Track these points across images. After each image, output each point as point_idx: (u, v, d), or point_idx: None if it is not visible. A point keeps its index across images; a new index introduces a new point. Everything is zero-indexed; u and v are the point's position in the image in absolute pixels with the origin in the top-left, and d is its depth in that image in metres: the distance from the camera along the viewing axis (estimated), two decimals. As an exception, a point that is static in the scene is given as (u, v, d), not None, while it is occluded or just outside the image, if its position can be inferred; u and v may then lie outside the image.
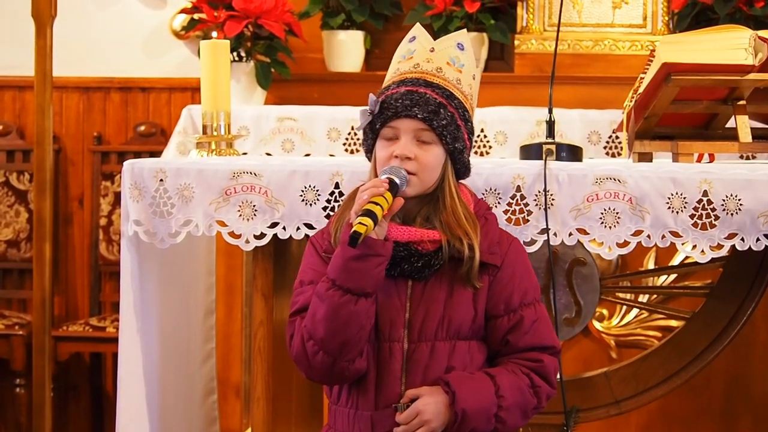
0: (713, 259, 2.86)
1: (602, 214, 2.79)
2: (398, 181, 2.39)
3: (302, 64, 4.96)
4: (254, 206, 2.85)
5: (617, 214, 2.78)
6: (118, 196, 5.05)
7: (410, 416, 2.39)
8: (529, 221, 2.81)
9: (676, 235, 2.80)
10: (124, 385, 2.95)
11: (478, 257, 2.42)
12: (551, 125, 3.09)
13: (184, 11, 4.96)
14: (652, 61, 2.96)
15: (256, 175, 2.85)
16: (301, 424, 3.26)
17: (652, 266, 4.13)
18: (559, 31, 3.28)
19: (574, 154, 3.02)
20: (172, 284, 3.20)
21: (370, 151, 2.50)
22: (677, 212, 2.78)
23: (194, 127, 4.38)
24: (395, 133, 2.44)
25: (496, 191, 2.81)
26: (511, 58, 4.96)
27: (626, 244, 2.81)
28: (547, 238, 2.80)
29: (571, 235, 2.81)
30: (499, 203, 2.80)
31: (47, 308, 4.27)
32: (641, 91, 2.98)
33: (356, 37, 5.02)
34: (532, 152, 3.01)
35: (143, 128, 5.26)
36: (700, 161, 3.15)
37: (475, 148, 4.43)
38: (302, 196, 2.85)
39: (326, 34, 5.02)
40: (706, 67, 2.89)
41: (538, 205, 2.80)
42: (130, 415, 2.96)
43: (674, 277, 4.12)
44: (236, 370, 4.48)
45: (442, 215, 2.44)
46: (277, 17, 4.74)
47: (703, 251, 2.79)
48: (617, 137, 4.42)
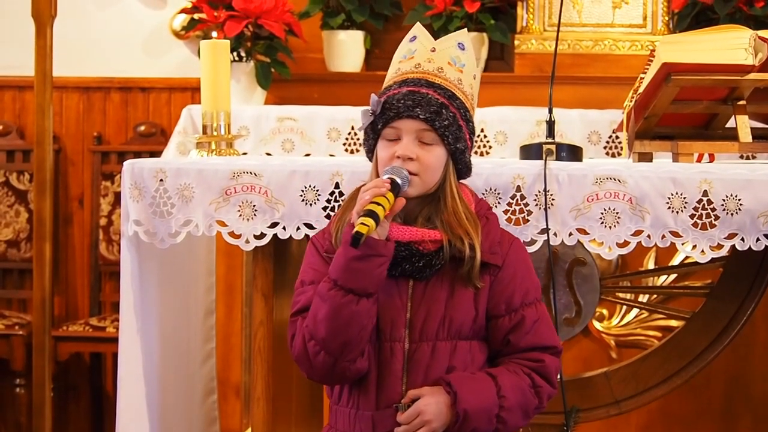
0: (713, 259, 2.86)
1: (602, 214, 2.79)
2: (400, 181, 2.39)
3: (302, 64, 4.96)
4: (254, 206, 2.85)
5: (617, 214, 2.78)
6: (118, 196, 5.04)
7: (411, 416, 2.39)
8: (529, 221, 2.81)
9: (676, 235, 2.79)
10: (124, 385, 2.95)
11: (479, 257, 2.42)
12: (551, 125, 3.09)
13: (184, 11, 4.96)
14: (652, 61, 2.96)
15: (256, 175, 2.85)
16: (301, 424, 3.26)
17: (652, 266, 4.12)
18: (559, 31, 3.28)
19: (574, 154, 3.02)
20: (172, 284, 3.20)
21: (371, 151, 2.50)
22: (677, 212, 2.78)
23: (194, 127, 4.37)
24: (397, 133, 2.44)
25: (496, 191, 2.81)
26: (511, 58, 4.96)
27: (626, 244, 2.81)
28: (547, 238, 2.80)
29: (571, 235, 2.81)
30: (499, 203, 2.80)
31: (47, 308, 4.27)
32: (641, 91, 2.97)
33: (356, 37, 5.02)
34: (532, 152, 3.01)
35: (143, 128, 5.26)
36: (700, 161, 3.15)
37: (475, 148, 4.42)
38: (302, 196, 2.84)
39: (326, 34, 5.02)
40: (706, 67, 2.89)
41: (538, 205, 2.80)
42: (130, 415, 2.96)
43: (674, 277, 4.12)
44: (236, 370, 4.48)
45: (443, 215, 2.44)
46: (277, 17, 4.74)
47: (703, 251, 2.79)
48: (617, 137, 4.42)
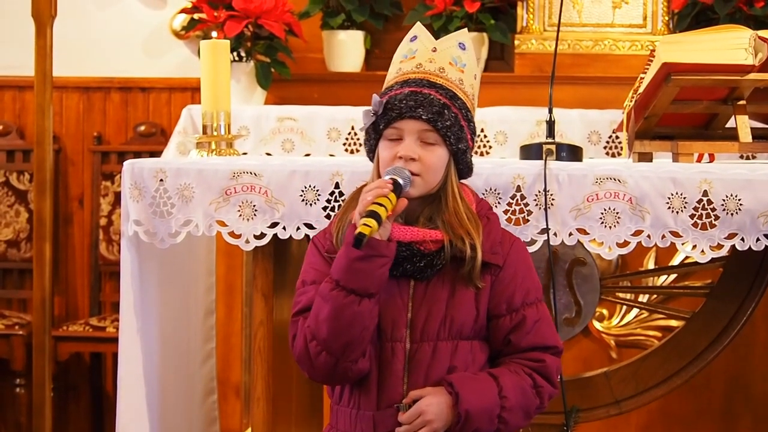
0: (713, 259, 2.86)
1: (602, 214, 2.79)
2: (402, 182, 2.39)
3: (302, 64, 4.95)
4: (254, 206, 2.85)
5: (617, 214, 2.78)
6: (118, 196, 5.04)
7: (413, 416, 2.39)
8: (529, 221, 2.81)
9: (676, 235, 2.79)
10: (124, 385, 2.95)
11: (480, 257, 2.42)
12: (551, 125, 3.09)
13: (184, 11, 4.96)
14: (652, 61, 2.96)
15: (256, 175, 2.85)
16: (301, 424, 3.26)
17: (652, 266, 4.12)
18: (559, 31, 3.28)
19: (574, 154, 3.02)
20: (172, 284, 3.20)
21: (372, 151, 2.50)
22: (677, 212, 2.78)
23: (194, 127, 4.37)
24: (399, 133, 2.44)
25: (496, 191, 2.80)
26: (511, 58, 4.96)
27: (626, 244, 2.81)
28: (547, 238, 2.80)
29: (571, 235, 2.81)
30: (499, 203, 2.80)
31: (47, 308, 4.27)
32: (641, 91, 2.97)
33: (356, 37, 5.02)
34: (532, 152, 3.01)
35: (143, 128, 5.26)
36: (700, 161, 3.15)
37: (475, 148, 4.43)
38: (302, 196, 2.84)
39: (326, 34, 5.02)
40: (706, 67, 2.88)
41: (538, 205, 2.80)
42: (130, 415, 2.96)
43: (674, 277, 4.12)
44: (236, 370, 4.48)
45: (444, 215, 2.44)
46: (277, 17, 4.74)
47: (703, 251, 2.79)
48: (617, 137, 4.42)
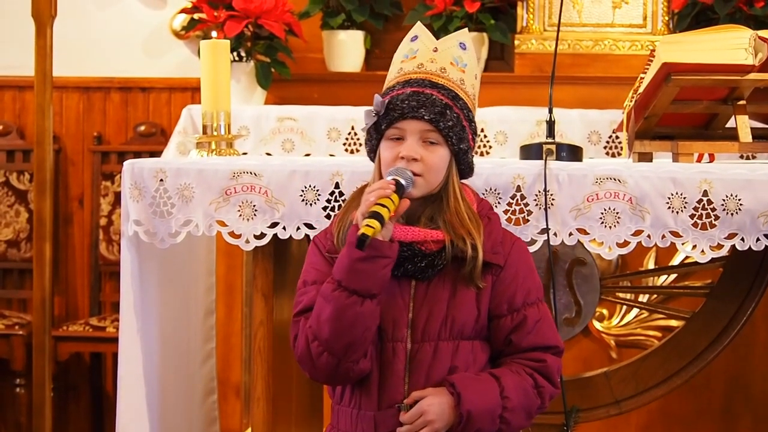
0: (713, 259, 2.86)
1: (602, 214, 2.79)
2: (404, 182, 2.38)
3: (302, 64, 4.95)
4: (254, 206, 2.85)
5: (617, 214, 2.78)
6: (118, 196, 5.04)
7: (414, 416, 2.39)
8: (529, 221, 2.81)
9: (676, 235, 2.79)
10: (124, 385, 2.95)
11: (481, 257, 2.41)
12: (551, 125, 3.09)
13: (184, 11, 4.96)
14: (652, 61, 2.96)
15: (256, 175, 2.85)
16: (301, 424, 3.26)
17: (652, 266, 4.12)
18: (559, 31, 3.28)
19: (574, 154, 3.02)
20: (172, 284, 3.20)
21: (373, 151, 2.49)
22: (677, 212, 2.78)
23: (194, 127, 4.37)
24: (401, 133, 2.43)
25: (496, 191, 2.80)
26: (511, 58, 4.96)
27: (626, 244, 2.81)
28: (547, 238, 2.80)
29: (571, 235, 2.81)
30: (499, 203, 2.80)
31: (47, 308, 4.27)
32: (641, 91, 2.97)
33: (356, 37, 5.02)
34: (532, 152, 3.01)
35: (143, 128, 5.26)
36: (700, 161, 3.15)
37: (475, 148, 4.43)
38: (302, 196, 2.84)
39: (326, 34, 5.02)
40: (706, 67, 2.89)
41: (538, 205, 2.80)
42: (130, 415, 2.96)
43: (674, 277, 4.12)
44: (236, 370, 4.48)
45: (445, 215, 2.43)
46: (277, 17, 4.74)
47: (703, 251, 2.79)
48: (617, 137, 4.42)
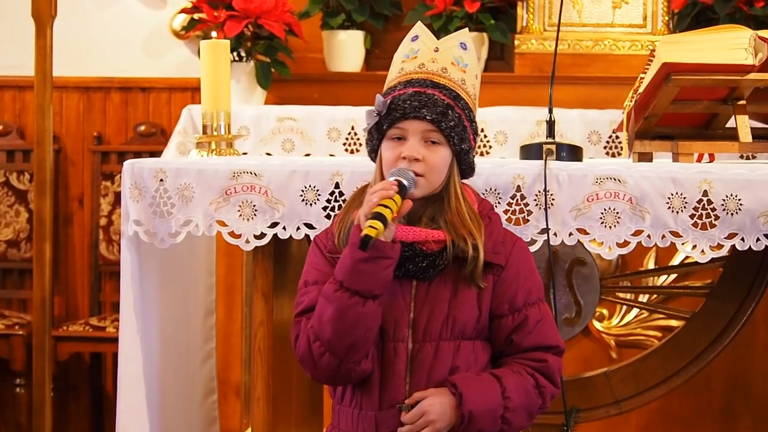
0: (713, 259, 2.86)
1: (602, 214, 2.79)
2: (406, 183, 2.38)
3: (302, 64, 4.95)
4: (254, 206, 2.85)
5: (617, 214, 2.78)
6: (118, 196, 5.04)
7: (416, 416, 2.39)
8: (529, 221, 2.81)
9: (676, 235, 2.79)
10: (124, 385, 2.95)
11: (482, 257, 2.41)
12: (551, 125, 3.09)
13: (184, 11, 4.96)
14: (652, 61, 2.96)
15: (256, 175, 2.85)
16: (301, 424, 3.26)
17: (652, 266, 4.12)
18: (559, 31, 3.28)
19: (574, 154, 3.02)
20: (172, 284, 3.20)
21: (374, 151, 2.49)
22: (677, 212, 2.78)
23: (194, 127, 4.37)
24: (402, 134, 2.43)
25: (496, 191, 2.81)
26: (511, 58, 4.96)
27: (626, 244, 2.81)
28: (547, 238, 2.80)
29: (571, 235, 2.81)
30: (499, 203, 2.80)
31: (47, 308, 4.27)
32: (641, 91, 2.97)
33: (356, 37, 5.02)
34: (532, 152, 3.01)
35: (143, 128, 5.26)
36: (700, 161, 3.15)
37: (476, 148, 4.43)
38: (302, 196, 2.85)
39: (326, 34, 5.02)
40: (706, 67, 2.89)
41: (538, 205, 2.80)
42: (130, 415, 2.96)
43: (674, 277, 4.12)
44: (236, 370, 4.48)
45: (446, 215, 2.43)
46: (277, 17, 4.74)
47: (703, 251, 2.79)
48: (617, 137, 4.42)
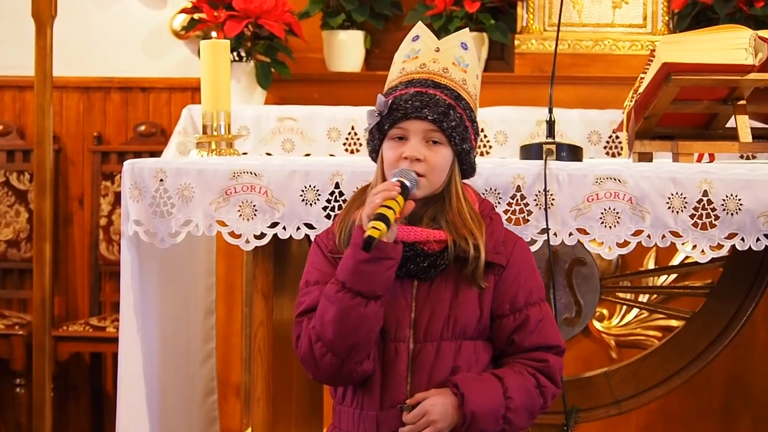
0: (713, 259, 2.86)
1: (602, 214, 2.79)
2: (409, 184, 2.38)
3: (302, 64, 4.96)
4: (254, 206, 2.85)
5: (617, 214, 2.78)
6: (118, 196, 5.04)
7: (417, 416, 2.39)
8: (529, 221, 2.81)
9: (676, 235, 2.79)
10: (124, 385, 2.95)
11: (483, 257, 2.41)
12: (551, 125, 3.09)
13: (184, 11, 4.96)
14: (652, 61, 2.96)
15: (256, 175, 2.85)
16: (301, 424, 3.26)
17: (652, 266, 4.12)
18: (559, 31, 3.28)
19: (574, 154, 3.02)
20: (172, 284, 3.20)
21: (375, 151, 2.49)
22: (677, 212, 2.78)
23: (194, 127, 4.37)
24: (404, 134, 2.43)
25: (496, 191, 2.81)
26: (511, 58, 4.96)
27: (626, 244, 2.81)
28: (547, 238, 2.80)
29: (571, 235, 2.81)
30: (499, 203, 2.80)
31: (47, 308, 4.27)
32: (641, 91, 2.97)
33: (356, 37, 5.02)
34: (532, 152, 3.01)
35: (143, 128, 5.26)
36: (700, 161, 3.15)
37: (477, 148, 4.43)
38: (302, 196, 2.85)
39: (326, 34, 5.02)
40: (706, 67, 2.89)
41: (538, 205, 2.80)
42: (130, 415, 2.96)
43: (674, 277, 4.12)
44: (236, 370, 4.48)
45: (448, 215, 2.43)
46: (277, 17, 4.74)
47: (703, 251, 2.79)
48: (617, 137, 4.42)
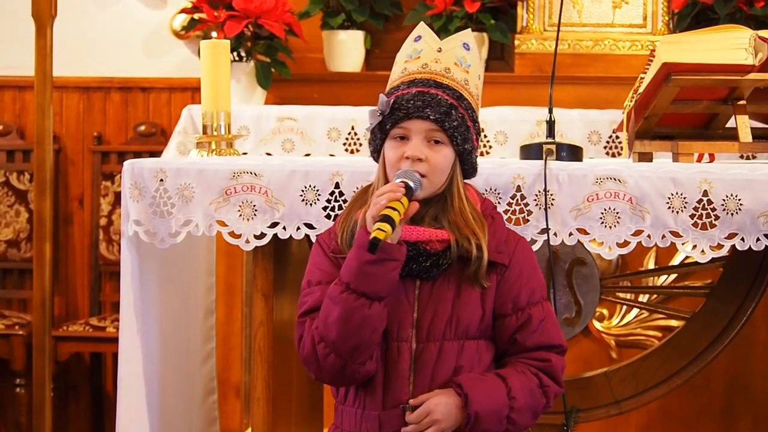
0: (713, 259, 2.86)
1: (602, 214, 2.79)
2: (413, 185, 2.38)
3: (302, 64, 4.96)
4: (254, 206, 2.85)
5: (617, 214, 2.78)
6: (118, 196, 5.04)
7: (421, 415, 2.39)
8: (529, 221, 2.81)
9: (676, 235, 2.79)
10: (124, 385, 2.95)
11: (486, 257, 2.41)
12: (551, 125, 3.09)
13: (184, 11, 4.96)
14: (652, 61, 2.96)
15: (256, 175, 2.85)
16: (301, 424, 3.26)
17: (652, 266, 4.12)
18: (559, 31, 3.28)
19: (574, 154, 3.02)
20: (172, 284, 3.20)
21: (377, 151, 2.49)
22: (677, 212, 2.78)
23: (194, 127, 4.37)
24: (406, 133, 2.43)
25: (496, 191, 2.81)
26: (511, 58, 4.96)
27: (626, 244, 2.81)
28: (547, 238, 2.80)
29: (571, 235, 2.81)
30: (499, 203, 2.80)
31: (47, 308, 4.27)
32: (641, 91, 2.97)
33: (356, 37, 5.02)
34: (532, 152, 3.01)
35: (143, 128, 5.26)
36: (700, 161, 3.15)
37: (479, 148, 4.44)
38: (302, 196, 2.85)
39: (326, 34, 5.02)
40: (706, 67, 2.89)
41: (538, 205, 2.80)
42: (130, 415, 2.96)
43: (674, 277, 4.12)
44: (236, 370, 4.48)
45: (450, 215, 2.43)
46: (277, 17, 4.74)
47: (703, 251, 2.79)
48: (617, 137, 4.42)
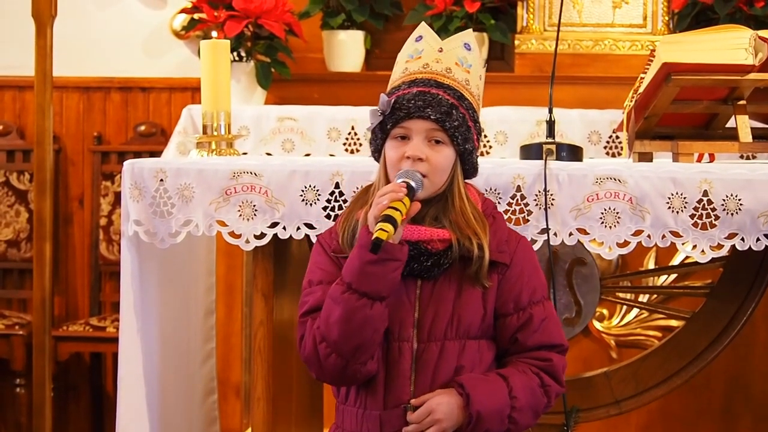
0: (713, 259, 2.86)
1: (602, 214, 2.79)
2: (415, 185, 2.38)
3: (302, 64, 4.96)
4: (254, 206, 2.85)
5: (617, 214, 2.78)
6: (118, 196, 5.04)
7: (422, 415, 2.39)
8: (529, 221, 2.81)
9: (676, 235, 2.79)
10: (124, 385, 2.95)
11: (487, 256, 2.41)
12: (551, 125, 3.09)
13: (184, 11, 4.96)
14: (652, 61, 2.96)
15: (256, 175, 2.85)
16: (301, 424, 3.26)
17: (652, 266, 4.12)
18: (559, 31, 3.28)
19: (574, 154, 3.02)
20: (172, 284, 3.20)
21: (378, 151, 2.49)
22: (677, 212, 2.78)
23: (194, 127, 4.37)
24: (407, 133, 2.43)
25: (496, 191, 2.81)
26: (511, 58, 4.96)
27: (626, 244, 2.81)
28: (547, 238, 2.80)
29: (571, 235, 2.81)
30: (499, 203, 2.80)
31: (47, 308, 4.27)
32: (641, 91, 2.98)
33: (356, 37, 5.02)
34: (532, 152, 3.01)
35: (143, 128, 5.26)
36: (700, 161, 3.15)
37: (479, 148, 4.44)
38: (302, 196, 2.85)
39: (326, 34, 5.02)
40: (706, 67, 2.89)
41: (538, 205, 2.80)
42: (130, 415, 2.96)
43: (674, 277, 4.12)
44: (236, 370, 4.48)
45: (451, 215, 2.43)
46: (277, 17, 4.74)
47: (703, 251, 2.79)
48: (617, 137, 4.42)
